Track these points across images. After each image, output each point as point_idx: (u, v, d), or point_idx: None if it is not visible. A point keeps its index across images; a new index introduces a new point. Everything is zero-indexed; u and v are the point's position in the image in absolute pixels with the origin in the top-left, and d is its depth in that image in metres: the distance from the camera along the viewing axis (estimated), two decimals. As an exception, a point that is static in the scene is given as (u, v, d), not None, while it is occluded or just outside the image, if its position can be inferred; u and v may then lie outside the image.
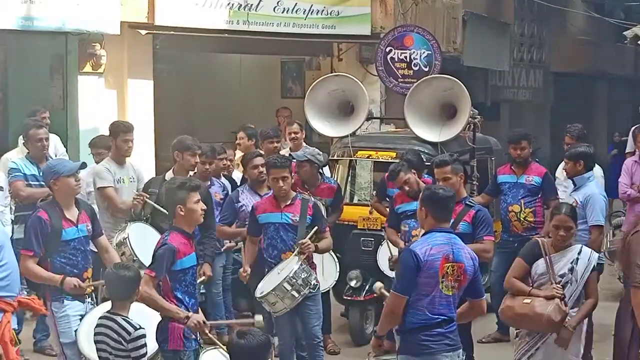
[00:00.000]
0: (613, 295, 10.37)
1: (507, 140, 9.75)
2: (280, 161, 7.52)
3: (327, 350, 8.88)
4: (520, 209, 9.32)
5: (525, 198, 9.31)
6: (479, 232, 7.44)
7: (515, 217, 9.34)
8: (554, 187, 9.44)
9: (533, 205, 9.31)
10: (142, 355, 5.65)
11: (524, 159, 9.39)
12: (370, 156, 10.17)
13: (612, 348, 6.51)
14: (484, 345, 9.39)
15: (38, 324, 8.58)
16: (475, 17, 16.70)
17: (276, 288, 7.11)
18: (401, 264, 5.84)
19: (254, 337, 4.69)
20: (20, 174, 8.56)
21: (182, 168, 8.20)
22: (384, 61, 11.55)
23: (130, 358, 5.62)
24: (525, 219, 9.30)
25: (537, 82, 21.17)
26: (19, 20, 10.28)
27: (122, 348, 5.62)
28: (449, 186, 7.33)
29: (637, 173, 9.45)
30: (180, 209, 6.20)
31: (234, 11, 12.43)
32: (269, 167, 7.51)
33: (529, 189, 9.31)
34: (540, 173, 9.37)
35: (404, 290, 5.65)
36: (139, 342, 5.64)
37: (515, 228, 9.33)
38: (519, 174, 9.37)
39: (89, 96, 11.51)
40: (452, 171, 7.71)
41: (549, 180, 9.39)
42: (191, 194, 6.24)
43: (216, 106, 15.37)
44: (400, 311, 5.67)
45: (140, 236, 7.70)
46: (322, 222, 7.55)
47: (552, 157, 17.39)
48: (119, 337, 5.63)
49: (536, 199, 9.32)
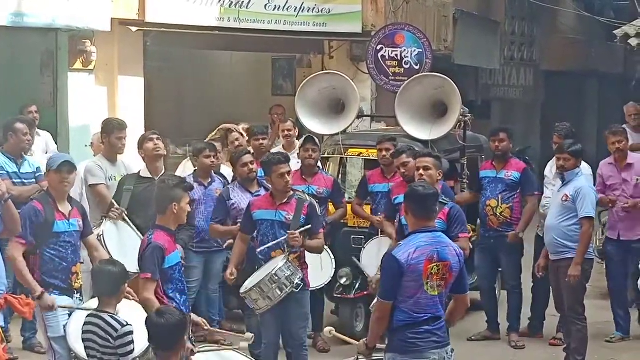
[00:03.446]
0: (602, 293, 10.41)
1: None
2: (282, 157, 7.53)
3: (317, 348, 8.89)
4: (497, 204, 9.33)
5: (503, 193, 9.32)
6: (453, 229, 7.45)
7: (491, 212, 9.35)
8: (532, 183, 9.44)
9: (511, 201, 9.31)
10: (129, 352, 5.62)
11: (503, 152, 9.39)
12: (361, 154, 10.19)
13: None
14: (474, 343, 9.41)
15: (25, 322, 8.53)
16: (466, 16, 16.71)
17: (258, 284, 7.08)
18: (383, 269, 5.84)
19: (172, 316, 5.12)
20: (4, 173, 8.43)
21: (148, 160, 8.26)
22: (375, 59, 11.56)
23: (117, 355, 5.60)
24: (501, 214, 9.31)
25: (527, 80, 21.18)
26: (9, 17, 10.24)
27: (110, 345, 5.61)
28: (427, 177, 7.46)
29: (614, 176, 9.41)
30: (174, 206, 6.25)
31: (224, 8, 12.41)
32: (272, 164, 7.40)
33: (507, 184, 9.32)
34: (520, 168, 9.37)
35: (388, 296, 5.66)
36: (126, 339, 5.62)
37: (491, 223, 9.35)
38: (499, 169, 9.40)
39: (79, 93, 11.47)
40: (434, 164, 7.70)
41: (528, 176, 9.38)
42: (185, 194, 6.34)
43: (206, 103, 15.34)
44: (387, 316, 5.68)
45: (116, 233, 7.71)
46: (317, 223, 7.51)
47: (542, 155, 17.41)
48: (106, 335, 5.61)
49: (514, 195, 9.32)
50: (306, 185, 8.90)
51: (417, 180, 7.49)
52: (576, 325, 8.35)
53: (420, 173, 7.68)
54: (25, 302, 6.57)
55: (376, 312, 5.78)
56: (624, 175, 9.34)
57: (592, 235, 8.59)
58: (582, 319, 8.38)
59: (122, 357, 5.61)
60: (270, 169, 7.41)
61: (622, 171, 9.35)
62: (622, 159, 9.35)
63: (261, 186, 8.33)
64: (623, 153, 9.33)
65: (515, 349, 9.30)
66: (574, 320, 8.37)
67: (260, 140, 9.72)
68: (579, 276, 8.21)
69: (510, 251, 9.35)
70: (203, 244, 8.85)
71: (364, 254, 9.00)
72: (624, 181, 9.34)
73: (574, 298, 8.36)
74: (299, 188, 8.10)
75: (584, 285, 8.47)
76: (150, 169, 8.26)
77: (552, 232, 8.40)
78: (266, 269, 7.19)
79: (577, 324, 8.35)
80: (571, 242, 8.27)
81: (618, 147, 9.29)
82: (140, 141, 8.42)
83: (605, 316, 9.60)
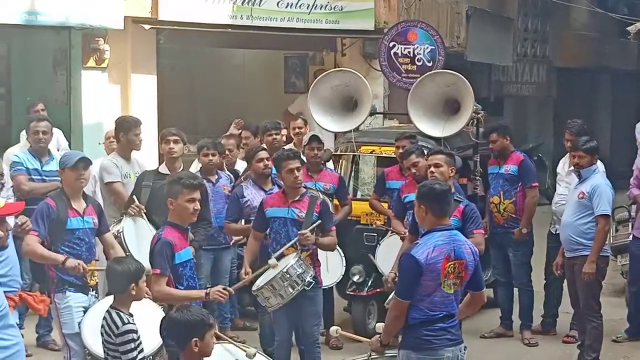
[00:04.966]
0: (616, 290, 10.39)
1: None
2: (292, 153, 7.54)
3: (330, 345, 8.90)
4: (499, 200, 9.32)
5: (504, 188, 9.30)
6: (468, 226, 7.44)
7: (495, 209, 9.34)
8: (531, 174, 9.39)
9: (513, 196, 9.27)
10: (129, 351, 5.56)
11: (499, 151, 9.38)
12: (373, 151, 10.20)
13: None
14: (487, 340, 9.40)
15: (41, 319, 8.59)
16: (479, 12, 16.67)
17: (270, 282, 7.08)
18: (401, 269, 5.82)
19: (192, 312, 4.98)
20: (22, 168, 8.53)
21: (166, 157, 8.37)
22: (388, 56, 11.54)
23: (119, 352, 5.60)
24: (505, 210, 9.30)
25: (540, 77, 21.12)
26: (23, 15, 10.29)
27: (112, 342, 5.60)
28: (439, 174, 7.45)
29: None
30: (170, 202, 6.26)
31: (237, 6, 12.43)
32: (282, 159, 7.40)
33: (506, 178, 9.31)
34: (517, 161, 9.34)
35: (406, 295, 5.66)
36: (126, 337, 5.57)
37: (497, 219, 9.34)
38: (501, 164, 9.39)
39: (93, 91, 11.51)
40: (445, 161, 7.68)
41: (526, 168, 9.33)
42: (185, 190, 6.25)
43: (219, 101, 15.36)
44: (404, 314, 5.68)
45: (135, 230, 7.73)
46: (329, 220, 7.51)
47: (555, 152, 17.37)
48: (109, 331, 5.62)
49: (515, 189, 9.28)
50: (313, 181, 8.92)
51: (430, 177, 7.48)
52: (591, 322, 8.33)
53: (432, 170, 7.66)
54: (40, 299, 6.62)
55: (393, 311, 5.77)
56: None
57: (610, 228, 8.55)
58: (597, 317, 8.36)
59: (122, 354, 5.59)
60: (280, 165, 7.42)
61: None
62: None
63: (275, 184, 8.33)
64: None
65: (528, 346, 9.28)
66: (589, 318, 8.35)
67: (273, 135, 9.69)
68: (594, 274, 8.19)
69: (517, 248, 9.33)
70: (211, 241, 8.84)
71: (379, 252, 8.99)
72: None
73: (590, 295, 8.34)
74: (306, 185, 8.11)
75: (600, 282, 8.45)
76: (168, 166, 8.30)
77: (568, 230, 8.38)
78: (278, 267, 7.20)
79: (592, 321, 8.33)
80: (587, 240, 8.24)
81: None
82: (160, 138, 8.53)
83: (620, 313, 9.58)
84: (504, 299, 9.61)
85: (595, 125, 21.23)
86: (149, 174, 8.29)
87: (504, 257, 9.48)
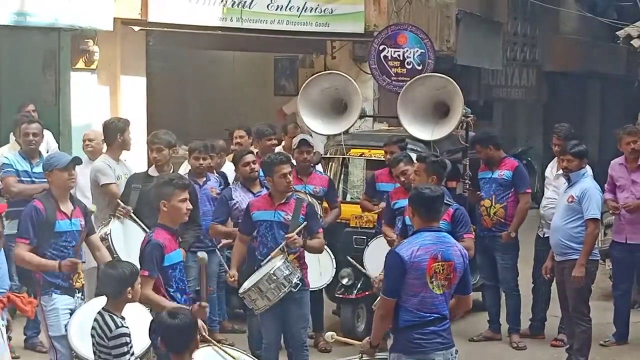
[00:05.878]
0: (604, 294, 10.40)
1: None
2: (284, 157, 7.53)
3: (319, 348, 8.89)
4: (490, 204, 9.34)
5: (497, 193, 9.32)
6: (458, 230, 7.48)
7: (485, 212, 9.36)
8: (525, 180, 9.43)
9: (505, 201, 9.30)
10: (122, 354, 5.54)
11: (486, 160, 9.44)
12: (363, 154, 10.20)
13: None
14: (475, 343, 9.40)
15: (28, 321, 8.55)
16: (469, 16, 16.71)
17: (257, 284, 7.08)
18: (385, 266, 5.81)
19: (185, 318, 5.08)
20: (12, 170, 8.52)
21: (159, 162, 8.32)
22: (377, 59, 11.55)
23: (112, 356, 5.58)
24: (495, 214, 9.32)
25: (530, 81, 21.18)
26: (12, 16, 10.26)
27: (104, 344, 5.58)
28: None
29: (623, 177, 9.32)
30: (163, 204, 6.25)
31: (227, 8, 12.41)
32: (275, 164, 7.37)
33: (500, 183, 9.33)
34: (512, 167, 9.37)
35: (391, 293, 5.66)
36: (120, 341, 5.54)
37: (485, 222, 9.36)
38: (494, 169, 9.41)
39: (82, 92, 11.47)
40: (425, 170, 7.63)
41: (520, 174, 9.36)
42: (177, 191, 6.28)
43: (209, 103, 15.36)
44: (390, 313, 5.68)
45: (123, 232, 7.71)
46: (316, 222, 7.51)
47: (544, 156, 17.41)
48: (102, 333, 5.59)
49: (508, 194, 9.31)
50: (302, 184, 8.93)
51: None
52: (581, 326, 8.34)
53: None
54: (28, 301, 6.58)
55: (379, 310, 5.79)
56: (633, 176, 9.24)
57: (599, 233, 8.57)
58: (587, 320, 8.37)
59: (115, 358, 5.56)
60: (272, 169, 7.38)
61: (631, 172, 9.26)
62: (634, 160, 9.22)
63: (263, 186, 8.33)
64: (637, 153, 9.20)
65: (516, 349, 9.28)
66: (579, 322, 8.36)
67: (272, 139, 9.74)
68: (583, 277, 8.20)
69: (504, 251, 9.35)
70: (198, 243, 8.82)
71: (367, 254, 8.99)
72: (633, 182, 9.24)
73: (579, 299, 8.35)
74: (296, 188, 8.10)
75: (589, 286, 8.46)
76: (157, 169, 8.28)
77: (558, 234, 8.39)
78: (264, 269, 7.18)
79: (581, 325, 8.34)
80: (576, 244, 8.26)
81: (633, 147, 9.13)
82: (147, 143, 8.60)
83: (608, 317, 9.58)
84: (491, 302, 9.62)
85: (584, 129, 21.30)
86: (138, 177, 8.29)
87: (491, 261, 9.49)
